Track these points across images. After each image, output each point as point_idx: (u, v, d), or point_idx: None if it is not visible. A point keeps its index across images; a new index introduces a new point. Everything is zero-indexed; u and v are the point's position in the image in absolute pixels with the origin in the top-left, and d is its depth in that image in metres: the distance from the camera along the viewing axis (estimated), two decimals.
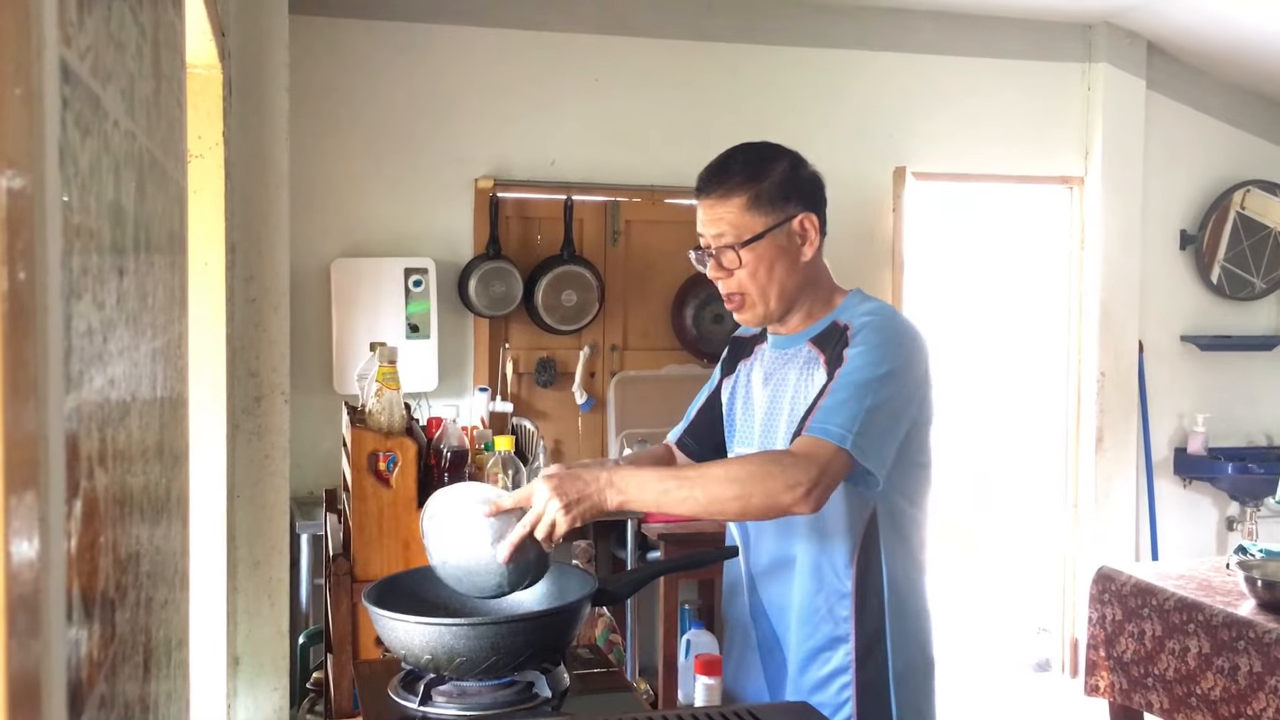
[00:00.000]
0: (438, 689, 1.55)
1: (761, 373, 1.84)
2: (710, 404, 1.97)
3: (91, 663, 0.67)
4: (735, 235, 1.74)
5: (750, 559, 1.83)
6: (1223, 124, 4.97)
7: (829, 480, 1.56)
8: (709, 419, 1.96)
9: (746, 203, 1.74)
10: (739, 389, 1.89)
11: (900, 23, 4.58)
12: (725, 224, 1.75)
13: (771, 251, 1.74)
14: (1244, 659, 2.74)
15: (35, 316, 0.51)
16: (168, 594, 1.13)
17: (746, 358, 1.91)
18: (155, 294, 1.00)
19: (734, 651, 1.90)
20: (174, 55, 1.23)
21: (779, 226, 1.75)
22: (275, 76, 3.21)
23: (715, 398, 1.97)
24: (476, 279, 4.10)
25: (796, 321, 1.81)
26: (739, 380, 1.90)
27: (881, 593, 1.72)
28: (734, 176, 1.76)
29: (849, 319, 1.75)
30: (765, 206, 1.74)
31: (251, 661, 3.18)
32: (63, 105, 0.57)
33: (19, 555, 0.49)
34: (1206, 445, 4.85)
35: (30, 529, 0.50)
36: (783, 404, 1.77)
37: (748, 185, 1.75)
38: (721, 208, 1.76)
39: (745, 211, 1.74)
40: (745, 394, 1.87)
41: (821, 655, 1.74)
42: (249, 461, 3.14)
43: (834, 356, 1.70)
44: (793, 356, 1.79)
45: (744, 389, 1.88)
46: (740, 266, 1.74)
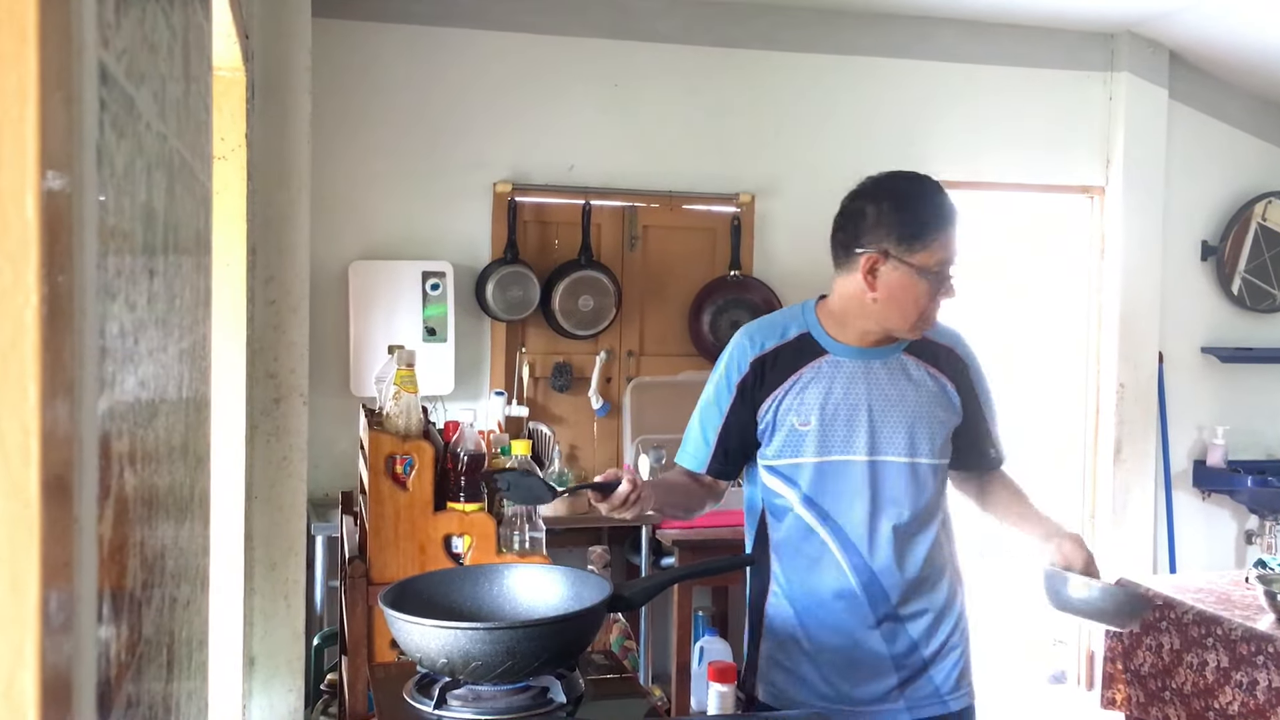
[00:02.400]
0: (453, 693, 1.55)
1: (863, 382, 1.96)
2: (732, 429, 2.01)
3: (119, 662, 0.68)
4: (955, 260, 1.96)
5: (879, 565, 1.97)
6: (1245, 134, 4.94)
7: None
8: (739, 439, 2.01)
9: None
10: (797, 403, 1.95)
11: (921, 30, 4.57)
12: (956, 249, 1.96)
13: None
14: (1263, 674, 2.71)
15: (72, 318, 0.51)
16: (190, 594, 1.13)
17: (795, 371, 1.97)
18: (182, 295, 1.01)
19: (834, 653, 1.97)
20: (202, 57, 1.24)
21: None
22: (297, 79, 3.22)
23: (739, 423, 2.00)
24: (494, 283, 4.11)
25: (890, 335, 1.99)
26: (791, 396, 1.96)
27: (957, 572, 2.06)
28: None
29: (944, 340, 2.05)
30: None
31: (267, 662, 3.19)
32: (100, 107, 0.57)
33: (53, 556, 0.49)
34: (1226, 458, 4.82)
35: (64, 530, 0.51)
36: (921, 410, 1.97)
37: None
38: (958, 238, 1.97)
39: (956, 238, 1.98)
40: (822, 406, 1.95)
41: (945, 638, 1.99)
42: (267, 463, 3.15)
43: (964, 383, 2.04)
44: (897, 367, 1.99)
45: (816, 402, 1.95)
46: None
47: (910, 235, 1.91)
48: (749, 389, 1.98)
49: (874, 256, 1.92)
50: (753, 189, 4.46)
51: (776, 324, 2.04)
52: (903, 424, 1.95)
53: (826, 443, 1.94)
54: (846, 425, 1.94)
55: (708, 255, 4.49)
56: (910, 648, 1.97)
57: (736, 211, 4.44)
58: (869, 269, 1.92)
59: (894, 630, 1.96)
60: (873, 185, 2.00)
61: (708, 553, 3.71)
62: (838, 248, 2.03)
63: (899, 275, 1.91)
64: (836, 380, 1.95)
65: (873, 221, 1.94)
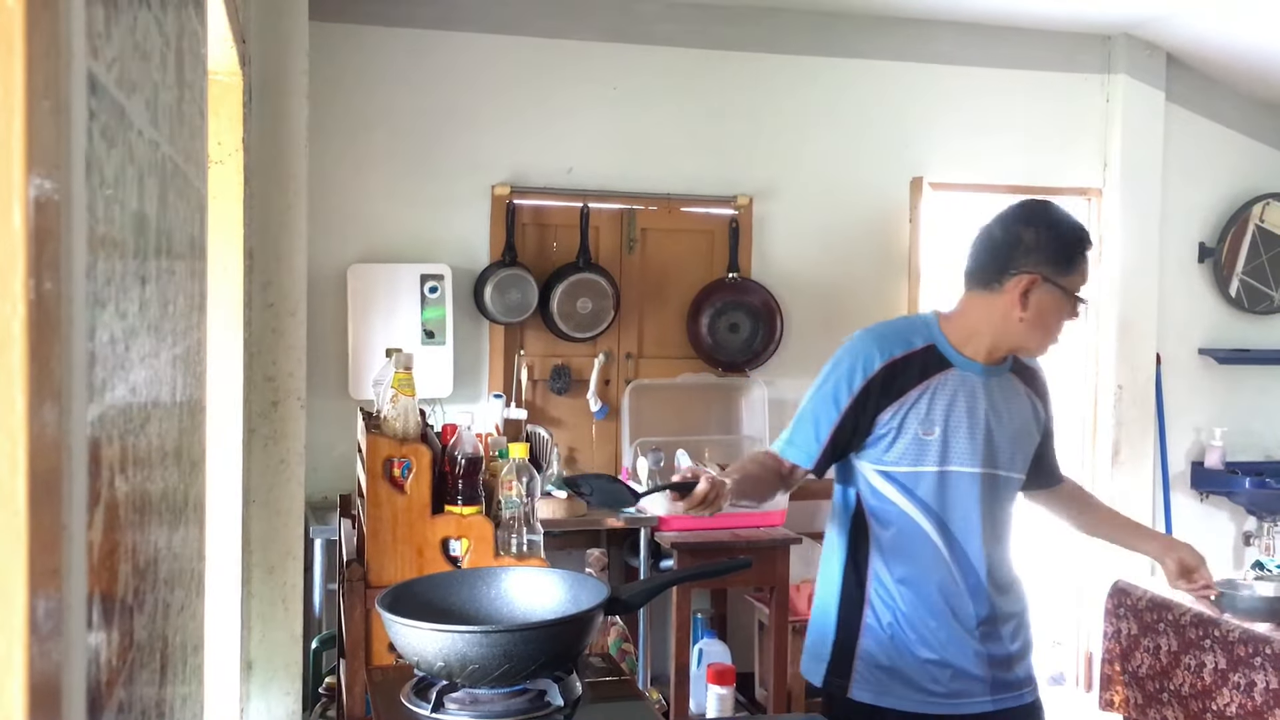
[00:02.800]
0: (450, 696, 1.55)
1: (984, 398, 2.07)
2: (845, 428, 2.08)
3: (110, 668, 0.68)
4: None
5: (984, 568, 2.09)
6: (1242, 136, 4.95)
7: None
8: (843, 441, 2.08)
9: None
10: (923, 412, 2.04)
11: (919, 33, 4.58)
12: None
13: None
14: (1260, 675, 2.72)
15: (60, 326, 0.51)
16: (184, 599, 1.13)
17: (923, 379, 2.05)
18: (176, 301, 1.01)
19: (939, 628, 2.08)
20: (197, 63, 1.25)
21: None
22: (295, 83, 3.23)
23: (853, 423, 2.07)
24: (492, 286, 4.11)
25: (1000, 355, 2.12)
26: (919, 405, 2.04)
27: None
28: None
29: (1031, 364, 2.19)
30: None
31: (265, 666, 3.19)
32: (89, 116, 0.58)
33: (40, 563, 0.49)
34: (1224, 459, 4.82)
35: (53, 537, 0.51)
36: (1020, 426, 2.12)
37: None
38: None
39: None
40: (946, 416, 2.04)
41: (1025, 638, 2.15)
42: (265, 467, 3.16)
43: (1044, 402, 2.20)
44: (1008, 387, 2.12)
45: (940, 411, 2.04)
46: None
47: (1066, 259, 2.02)
48: (873, 394, 2.04)
49: (1030, 279, 2.01)
50: (751, 191, 4.47)
51: (902, 333, 2.11)
52: (1009, 440, 2.09)
53: (948, 453, 2.04)
54: (968, 437, 2.04)
55: (706, 257, 4.49)
56: (1002, 648, 2.10)
57: (735, 214, 4.45)
58: (1023, 291, 2.02)
59: (990, 632, 2.09)
60: (1025, 212, 2.08)
61: (706, 555, 3.72)
62: (981, 270, 2.10)
63: (1051, 298, 2.02)
64: (961, 393, 2.05)
65: (1030, 245, 2.02)
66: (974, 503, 2.05)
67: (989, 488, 2.07)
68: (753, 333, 4.42)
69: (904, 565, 2.07)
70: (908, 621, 2.06)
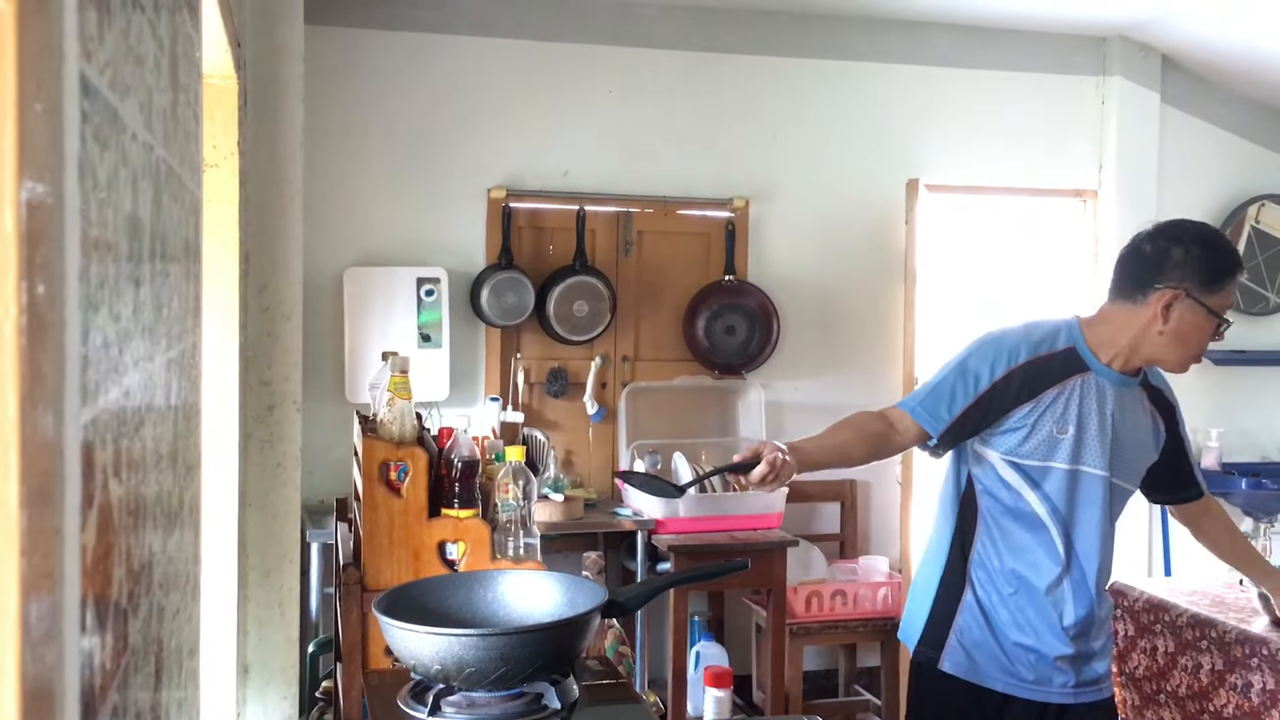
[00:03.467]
0: (447, 699, 1.55)
1: (1110, 406, 2.14)
2: (978, 408, 2.13)
3: (104, 672, 0.68)
4: None
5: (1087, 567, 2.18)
6: (1237, 138, 4.96)
7: None
8: (972, 422, 2.14)
9: None
10: (1058, 410, 2.11)
11: (914, 35, 4.59)
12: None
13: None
14: (1257, 676, 2.72)
15: (53, 329, 0.51)
16: (180, 603, 1.13)
17: (1063, 379, 2.13)
18: (170, 304, 1.01)
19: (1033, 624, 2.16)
20: (191, 66, 1.24)
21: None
22: (290, 86, 3.23)
23: (985, 407, 2.13)
24: (488, 289, 4.11)
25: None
26: (1056, 403, 2.12)
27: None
28: None
29: (1159, 384, 2.29)
30: None
31: (261, 670, 3.19)
32: (82, 119, 0.58)
33: (33, 567, 0.49)
34: (1220, 460, 4.82)
35: (46, 541, 0.51)
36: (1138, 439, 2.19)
37: None
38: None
39: None
40: (1079, 417, 2.12)
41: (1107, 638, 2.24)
42: (261, 470, 3.15)
43: (1170, 418, 2.29)
44: (1135, 399, 2.20)
45: (1074, 412, 2.12)
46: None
47: (1213, 279, 2.08)
48: (1013, 385, 2.11)
49: (1174, 294, 2.08)
50: (747, 194, 4.47)
51: (1048, 333, 2.17)
52: (1130, 450, 2.17)
53: (1081, 453, 2.11)
54: (1098, 442, 2.12)
55: (702, 260, 4.49)
56: (1088, 646, 2.19)
57: (731, 216, 4.45)
58: (1166, 304, 2.08)
59: (1084, 631, 2.17)
60: (1176, 229, 2.16)
61: (703, 558, 3.72)
62: (1127, 280, 2.17)
63: (1193, 314, 2.08)
64: (1095, 397, 2.12)
65: (1179, 262, 2.09)
66: (1097, 506, 2.14)
67: (1110, 493, 2.15)
68: (749, 335, 4.42)
69: (1015, 554, 2.15)
70: (1006, 607, 2.15)
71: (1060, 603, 2.15)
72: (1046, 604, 2.15)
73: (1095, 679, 2.22)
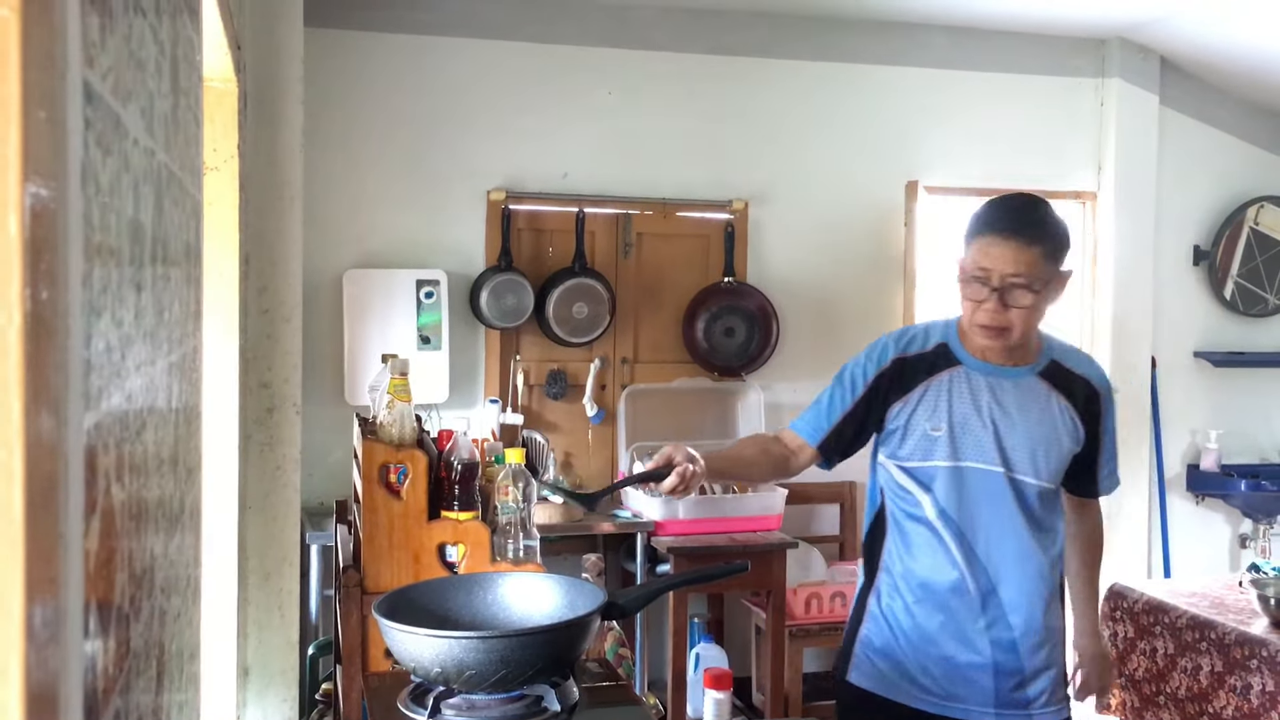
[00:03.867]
0: (447, 702, 1.55)
1: (991, 398, 2.05)
2: (857, 416, 2.11)
3: (107, 675, 0.68)
4: (1029, 280, 1.95)
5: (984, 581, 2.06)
6: (1236, 139, 4.96)
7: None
8: (852, 429, 2.12)
9: (1044, 254, 1.96)
10: (930, 408, 2.05)
11: (914, 37, 4.59)
12: (1024, 267, 1.95)
13: (1045, 299, 2.00)
14: (1256, 678, 2.72)
15: (56, 335, 0.52)
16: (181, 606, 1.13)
17: (930, 376, 2.07)
18: (171, 308, 1.01)
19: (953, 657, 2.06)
20: (192, 70, 1.25)
21: (1058, 278, 2.01)
22: (290, 89, 3.23)
23: (865, 412, 2.10)
24: (488, 291, 4.12)
25: (1019, 354, 2.07)
26: (928, 400, 2.06)
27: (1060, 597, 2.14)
28: (1037, 227, 1.98)
29: (1081, 370, 2.11)
30: (1055, 260, 1.99)
31: (261, 672, 3.19)
32: (85, 126, 0.58)
33: (37, 572, 0.49)
34: (1219, 462, 4.83)
35: (49, 546, 0.51)
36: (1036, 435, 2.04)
37: (1047, 238, 1.97)
38: (1024, 253, 1.95)
39: (1042, 260, 1.96)
40: (949, 413, 2.05)
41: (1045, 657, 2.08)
42: (260, 473, 3.15)
43: (1088, 413, 2.09)
44: (1028, 389, 2.07)
45: (944, 408, 2.05)
46: (1024, 307, 1.97)
47: (965, 235, 2.03)
48: (884, 385, 2.08)
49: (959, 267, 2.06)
50: (746, 195, 4.48)
51: (920, 332, 2.13)
52: (1028, 445, 2.03)
53: (959, 449, 2.04)
54: (979, 435, 2.03)
55: (702, 262, 4.50)
56: (1013, 659, 2.05)
57: (730, 218, 4.45)
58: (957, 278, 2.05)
59: (1000, 639, 2.04)
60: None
61: (703, 560, 3.72)
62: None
63: (962, 278, 2.03)
64: (969, 391, 2.05)
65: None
66: (996, 505, 2.03)
67: (1017, 490, 2.04)
68: (748, 337, 4.43)
69: (915, 559, 2.08)
70: (911, 615, 2.07)
71: (969, 609, 2.04)
72: (953, 611, 2.04)
73: (1028, 701, 2.06)
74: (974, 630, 2.04)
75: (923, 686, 2.06)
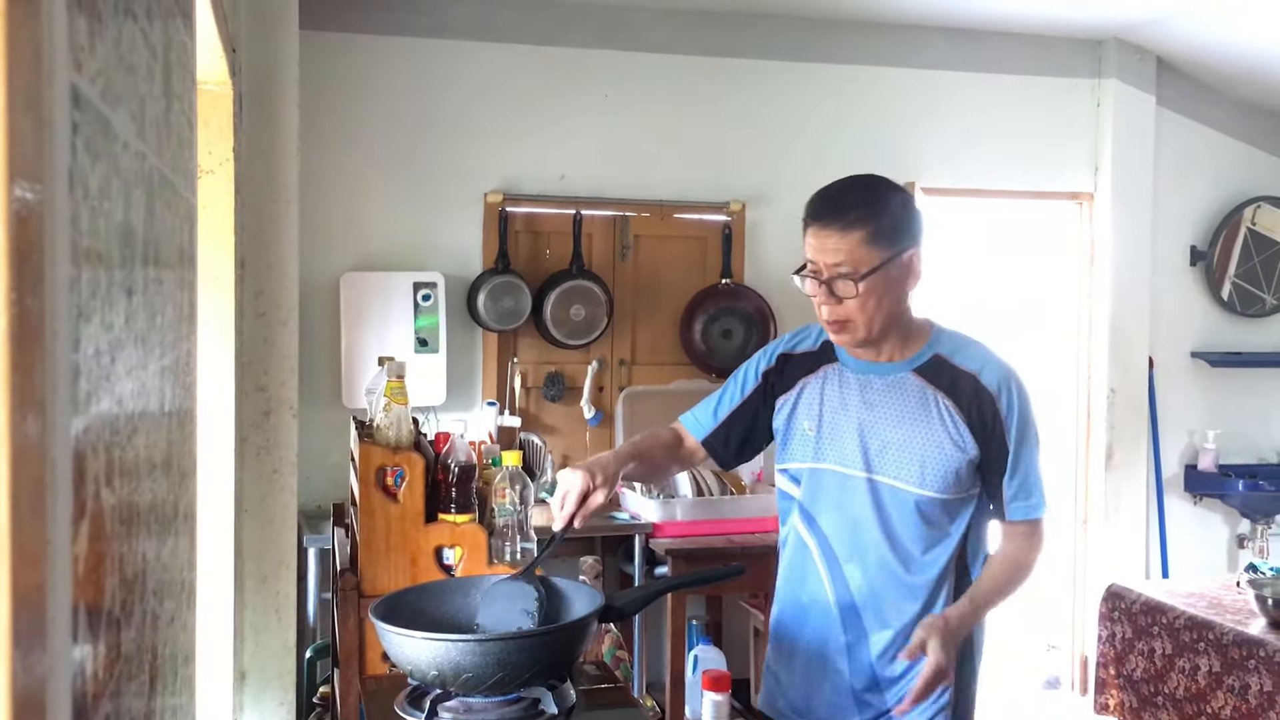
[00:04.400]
0: (444, 705, 1.55)
1: (858, 396, 1.90)
2: (745, 414, 2.02)
3: (97, 680, 0.68)
4: (853, 267, 1.80)
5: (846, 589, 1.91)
6: (1233, 140, 4.97)
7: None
8: (741, 428, 2.03)
9: (866, 237, 1.79)
10: (807, 406, 1.94)
11: (911, 39, 4.59)
12: (844, 255, 1.80)
13: (883, 284, 1.82)
14: (1254, 678, 2.72)
15: (43, 340, 0.51)
16: (174, 610, 1.13)
17: (809, 375, 1.97)
18: (164, 312, 1.01)
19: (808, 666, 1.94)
20: (185, 74, 1.25)
21: (893, 260, 1.82)
22: (285, 92, 3.23)
23: (753, 409, 2.01)
24: (485, 293, 4.12)
25: (890, 349, 1.90)
26: (805, 397, 1.95)
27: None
28: (854, 210, 1.81)
29: (968, 366, 1.87)
30: (883, 241, 1.80)
31: (258, 676, 3.18)
32: (73, 130, 0.58)
33: (24, 577, 0.49)
34: (1217, 462, 4.83)
35: (36, 551, 0.51)
36: (904, 436, 1.86)
37: (868, 220, 1.80)
38: (841, 239, 1.80)
39: (864, 245, 1.79)
40: (820, 412, 1.92)
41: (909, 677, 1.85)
42: (257, 476, 3.15)
43: (977, 415, 1.85)
44: (898, 386, 1.88)
45: (816, 407, 1.93)
46: (854, 296, 1.81)
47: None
48: (771, 382, 1.99)
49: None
50: (744, 197, 4.48)
51: (811, 329, 2.01)
52: (900, 448, 1.85)
53: (822, 450, 1.91)
54: (841, 436, 1.89)
55: (699, 264, 4.49)
56: (872, 687, 1.89)
57: (728, 220, 4.45)
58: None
59: (861, 664, 1.89)
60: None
61: (701, 562, 3.72)
62: None
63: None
64: (836, 389, 1.92)
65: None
66: (858, 510, 1.87)
67: (878, 498, 1.86)
68: (746, 339, 4.42)
69: (789, 570, 1.98)
70: (787, 628, 1.98)
71: (830, 626, 1.90)
72: (816, 628, 1.91)
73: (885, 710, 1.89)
74: (834, 649, 1.90)
75: (795, 708, 1.96)
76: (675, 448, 2.06)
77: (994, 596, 1.89)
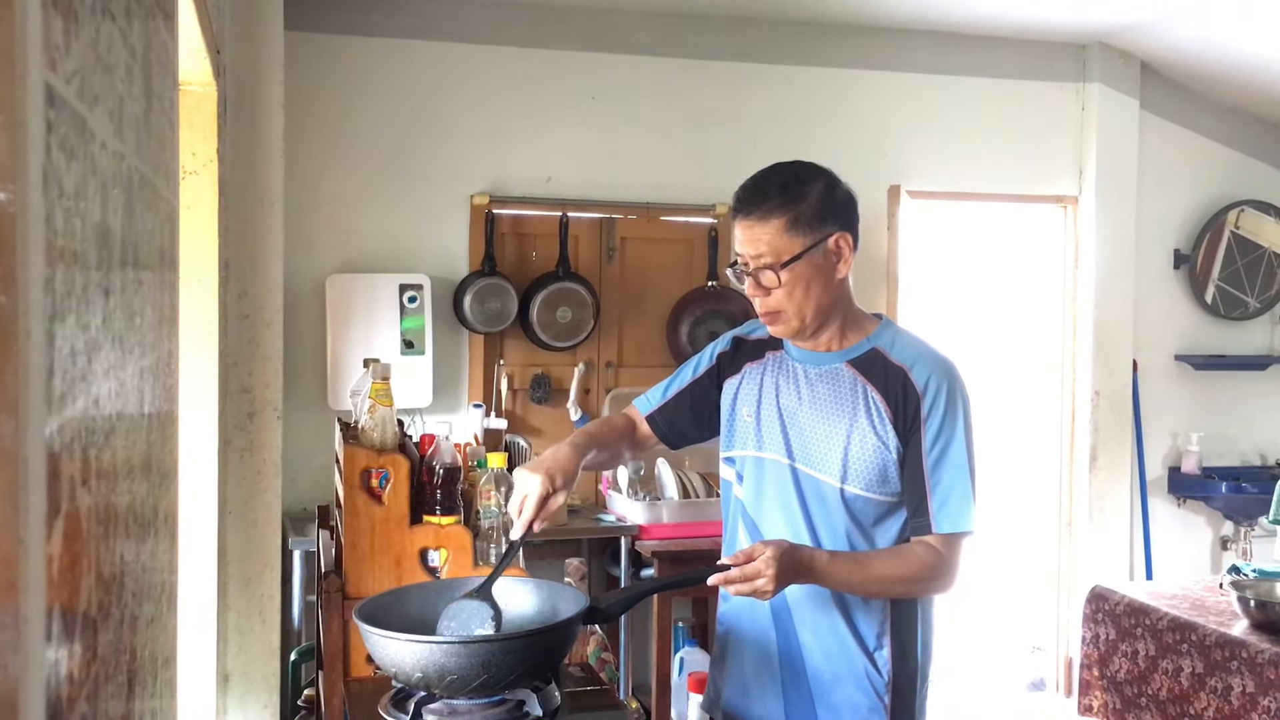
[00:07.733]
0: (428, 707, 1.55)
1: (790, 384, 1.86)
2: (694, 394, 1.98)
3: (73, 681, 0.68)
4: (774, 256, 1.77)
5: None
6: (1216, 144, 4.99)
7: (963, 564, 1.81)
8: (688, 407, 1.99)
9: (785, 224, 1.76)
10: (747, 392, 1.91)
11: (896, 42, 4.61)
12: (764, 245, 1.77)
13: (809, 271, 1.78)
14: (1237, 679, 2.73)
15: (16, 339, 0.51)
16: (154, 612, 1.13)
17: (755, 361, 1.93)
18: (143, 313, 1.01)
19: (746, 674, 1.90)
20: (166, 74, 1.24)
21: (816, 247, 1.78)
22: (270, 93, 3.22)
23: (703, 390, 1.97)
24: (472, 295, 4.11)
25: (829, 339, 1.87)
26: (746, 383, 1.92)
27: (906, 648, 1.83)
28: (772, 198, 1.78)
29: (902, 360, 1.82)
30: (803, 228, 1.77)
31: (242, 679, 3.17)
32: (47, 129, 0.57)
33: None
34: (1200, 464, 4.85)
35: (9, 551, 0.51)
36: (828, 427, 1.81)
37: (786, 207, 1.77)
38: (760, 229, 1.77)
39: (784, 233, 1.76)
40: (758, 399, 1.89)
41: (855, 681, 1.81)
42: (241, 478, 3.14)
43: (904, 413, 1.78)
44: (830, 376, 1.84)
45: (755, 393, 1.89)
46: (779, 286, 1.78)
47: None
48: (723, 365, 1.96)
49: None
50: (730, 200, 4.47)
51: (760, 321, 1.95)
52: (824, 438, 1.80)
53: (759, 437, 1.87)
54: (772, 424, 1.86)
55: (685, 266, 4.50)
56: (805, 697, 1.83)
57: (714, 222, 4.46)
58: None
59: (791, 668, 1.83)
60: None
61: (687, 564, 3.71)
62: None
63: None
64: (774, 376, 1.89)
65: None
66: (786, 502, 1.82)
67: (805, 489, 1.80)
68: None
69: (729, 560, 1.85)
70: (725, 626, 1.94)
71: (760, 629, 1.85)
72: (745, 630, 1.87)
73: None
74: (765, 650, 1.85)
75: (732, 706, 1.91)
76: (629, 433, 2.00)
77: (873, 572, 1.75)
